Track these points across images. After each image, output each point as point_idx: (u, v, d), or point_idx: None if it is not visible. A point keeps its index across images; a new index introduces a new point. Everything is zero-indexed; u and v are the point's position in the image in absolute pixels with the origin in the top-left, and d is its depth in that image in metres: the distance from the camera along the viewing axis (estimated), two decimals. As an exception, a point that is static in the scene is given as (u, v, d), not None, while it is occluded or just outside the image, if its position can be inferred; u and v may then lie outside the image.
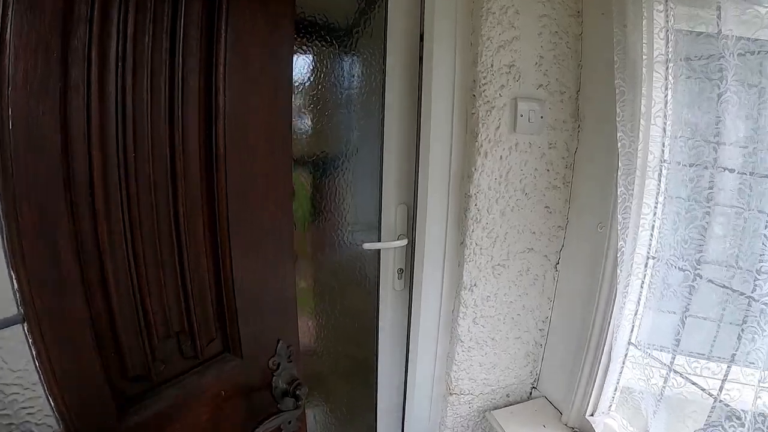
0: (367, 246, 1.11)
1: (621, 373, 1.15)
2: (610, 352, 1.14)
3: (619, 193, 1.03)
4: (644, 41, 1.04)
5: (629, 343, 1.13)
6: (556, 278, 1.23)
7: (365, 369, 1.31)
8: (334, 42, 1.13)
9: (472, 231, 1.11)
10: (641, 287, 1.09)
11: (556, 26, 1.15)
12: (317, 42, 1.11)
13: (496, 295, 1.18)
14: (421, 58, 1.13)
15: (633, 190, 1.03)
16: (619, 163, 1.03)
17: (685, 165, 0.99)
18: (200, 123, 0.51)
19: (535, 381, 1.35)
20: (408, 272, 1.21)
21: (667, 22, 1.02)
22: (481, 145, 1.07)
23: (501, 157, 1.09)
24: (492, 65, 1.09)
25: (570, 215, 1.19)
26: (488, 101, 1.08)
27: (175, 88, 0.47)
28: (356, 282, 1.23)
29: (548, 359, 1.31)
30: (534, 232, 1.17)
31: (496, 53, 1.09)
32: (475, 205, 1.09)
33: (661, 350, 1.05)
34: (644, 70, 1.03)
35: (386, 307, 1.24)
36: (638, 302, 1.10)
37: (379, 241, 1.16)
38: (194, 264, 0.54)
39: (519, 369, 1.31)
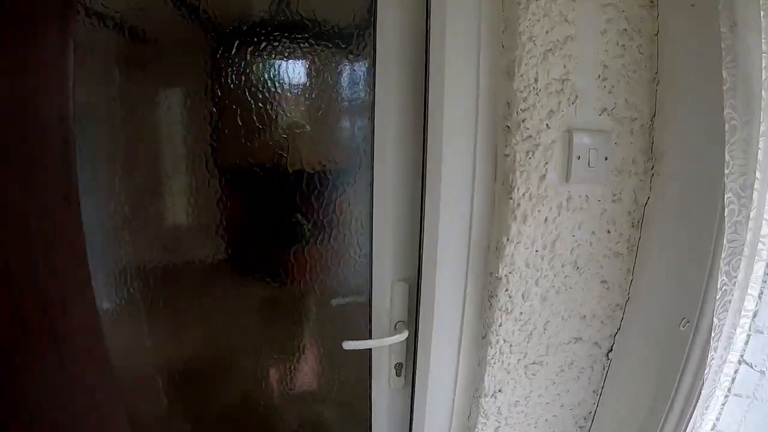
0: (349, 345, 0.77)
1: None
2: (679, 474, 0.85)
3: (720, 284, 0.69)
4: (764, 50, 0.69)
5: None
6: (606, 367, 0.92)
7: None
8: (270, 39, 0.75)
9: (500, 325, 0.77)
10: (723, 404, 0.79)
11: (626, 22, 0.78)
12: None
13: (528, 397, 0.87)
14: (427, 69, 0.76)
15: (738, 276, 0.70)
16: (725, 241, 0.69)
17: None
18: None
19: (568, 482, 1.06)
20: (410, 368, 0.88)
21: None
22: (518, 205, 0.72)
23: (546, 219, 0.75)
24: (536, 80, 0.72)
25: (632, 290, 0.86)
26: (530, 136, 0.72)
27: None
28: (335, 384, 0.91)
29: (587, 460, 1.02)
30: (584, 316, 0.84)
31: (542, 61, 0.73)
32: (506, 290, 0.75)
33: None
34: (764, 94, 0.68)
35: (381, 408, 0.92)
36: (718, 418, 0.81)
37: (369, 336, 0.83)
38: None
39: (549, 472, 1.02)
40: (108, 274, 0.80)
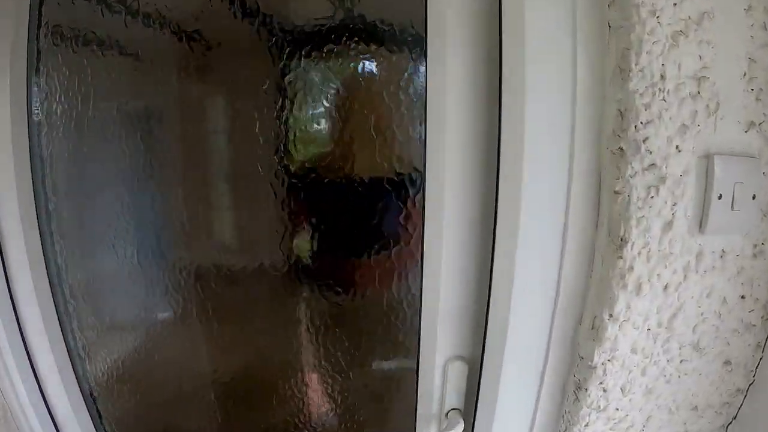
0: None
1: None
2: None
3: None
4: None
5: None
6: (708, 461, 0.70)
7: None
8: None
9: (586, 425, 0.55)
10: None
11: (776, -6, 0.53)
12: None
13: (609, 504, 0.65)
14: (501, 62, 0.51)
15: None
16: None
17: None
18: None
19: None
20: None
21: None
22: (631, 267, 0.49)
23: (666, 287, 0.51)
24: (662, 77, 0.48)
25: (760, 372, 0.63)
26: (653, 164, 0.49)
27: None
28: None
29: None
30: (696, 407, 0.61)
31: (671, 48, 0.49)
32: (601, 383, 0.53)
33: None
34: None
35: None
36: None
37: (414, 426, 0.60)
38: None
39: None
40: (165, 282, 0.75)
